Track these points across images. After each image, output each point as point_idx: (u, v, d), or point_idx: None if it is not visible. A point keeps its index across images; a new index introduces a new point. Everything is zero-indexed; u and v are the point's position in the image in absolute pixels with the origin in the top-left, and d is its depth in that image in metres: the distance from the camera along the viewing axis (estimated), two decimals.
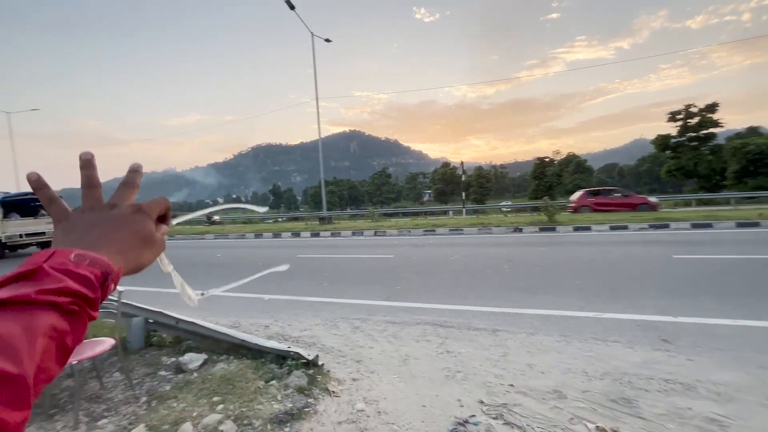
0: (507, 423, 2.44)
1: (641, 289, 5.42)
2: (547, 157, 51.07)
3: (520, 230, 13.46)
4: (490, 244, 10.77)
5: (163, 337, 4.10)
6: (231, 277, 7.91)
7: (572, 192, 25.39)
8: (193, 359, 3.39)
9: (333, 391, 2.95)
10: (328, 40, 21.95)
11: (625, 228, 12.36)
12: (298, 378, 3.04)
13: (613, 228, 12.47)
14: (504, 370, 3.20)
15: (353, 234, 15.61)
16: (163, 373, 3.34)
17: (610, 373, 3.04)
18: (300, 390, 2.91)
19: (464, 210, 23.91)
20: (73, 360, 2.71)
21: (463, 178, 28.21)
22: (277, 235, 17.03)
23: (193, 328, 3.79)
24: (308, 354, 3.27)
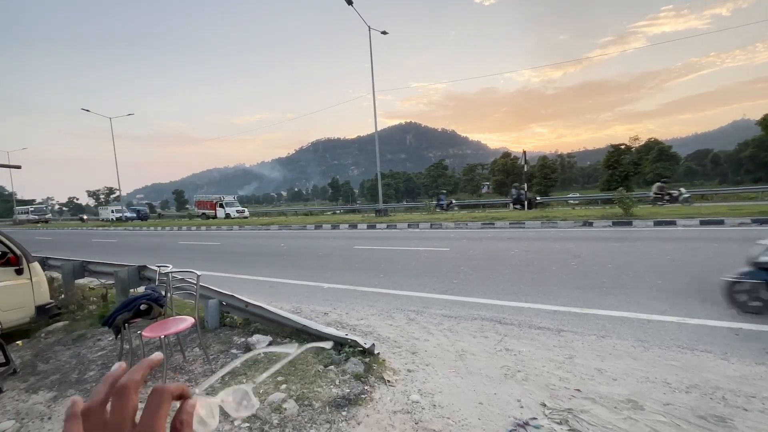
0: (572, 430, 2.28)
1: None
2: (622, 144, 46.24)
3: (590, 224, 12.42)
4: (556, 239, 10.08)
5: (234, 319, 4.48)
6: (293, 267, 8.38)
7: (653, 182, 22.75)
8: (260, 340, 3.66)
9: (388, 381, 2.99)
10: (384, 33, 21.95)
11: (720, 223, 10.80)
12: (354, 365, 3.13)
13: (704, 223, 10.96)
14: (570, 374, 2.99)
15: (409, 226, 15.62)
16: (234, 351, 3.65)
17: (698, 386, 2.69)
18: (357, 376, 3.00)
19: (526, 202, 22.67)
20: (161, 334, 3.07)
21: (526, 169, 26.68)
22: (335, 226, 17.65)
23: (260, 312, 4.09)
24: (365, 342, 3.35)
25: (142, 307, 3.28)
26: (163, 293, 3.59)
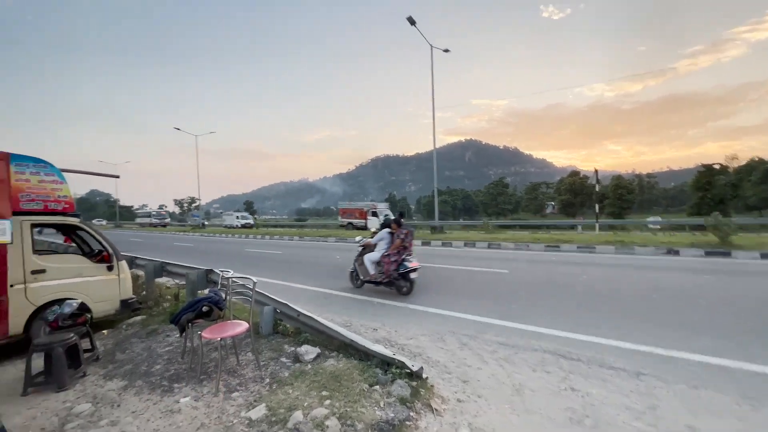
0: None
1: None
2: (716, 164, 40.63)
3: (676, 252, 10.94)
4: (632, 267, 9.01)
5: (287, 327, 4.59)
6: (347, 279, 8.47)
7: (756, 207, 19.53)
8: (308, 351, 3.68)
9: (436, 409, 2.79)
10: (446, 51, 22.05)
11: None
12: (401, 387, 2.98)
13: None
14: (653, 427, 2.54)
15: (465, 245, 15.10)
16: (284, 359, 3.70)
17: None
18: (402, 401, 2.84)
19: (597, 225, 20.75)
20: (218, 336, 3.21)
21: (597, 189, 24.59)
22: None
23: (310, 322, 4.13)
24: (412, 365, 3.19)
25: (204, 308, 3.48)
26: (224, 296, 3.78)
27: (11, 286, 4.28)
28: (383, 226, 7.32)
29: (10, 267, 4.26)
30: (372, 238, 7.26)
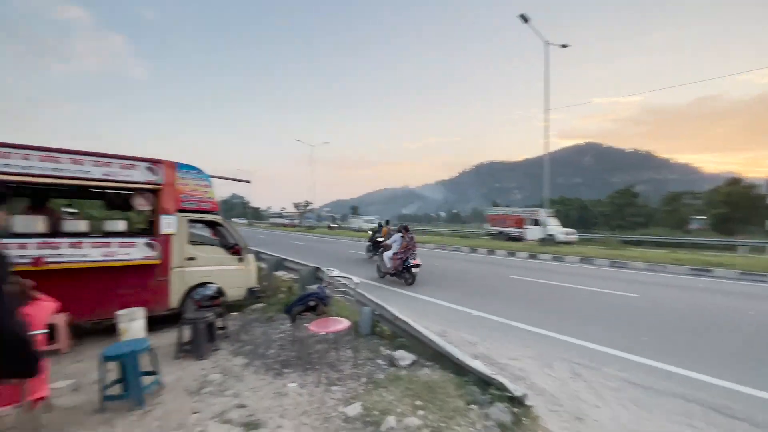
0: None
1: None
2: None
3: None
4: None
5: (384, 329, 4.68)
6: (443, 287, 8.29)
7: None
8: (404, 357, 3.67)
9: None
10: (564, 46, 20.08)
11: None
12: (501, 412, 2.73)
13: None
14: None
15: (581, 261, 13.40)
16: (379, 361, 3.77)
17: None
18: (502, 427, 2.60)
19: None
20: (322, 330, 3.44)
21: None
22: (491, 252, 16.79)
23: (406, 328, 4.12)
24: (515, 388, 2.90)
25: (311, 303, 3.77)
26: (328, 293, 4.05)
27: (172, 268, 5.33)
28: (396, 231, 9.49)
29: (172, 253, 5.32)
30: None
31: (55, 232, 4.67)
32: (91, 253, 4.69)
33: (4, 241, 4.02)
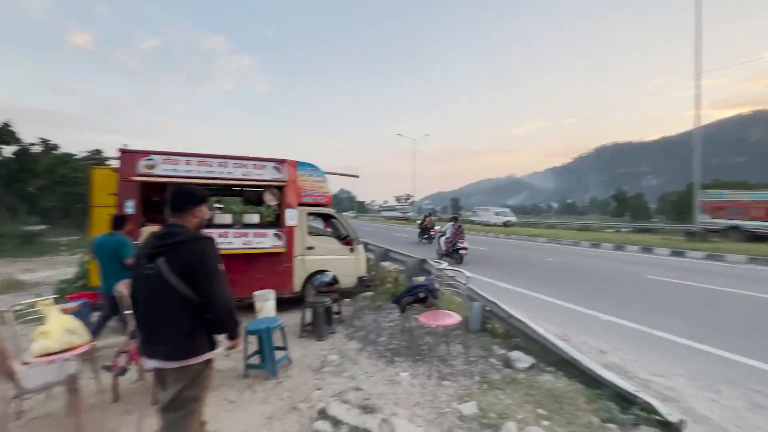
0: None
1: None
2: None
3: None
4: None
5: (495, 327, 4.41)
6: (562, 285, 7.47)
7: None
8: (521, 359, 3.38)
9: None
10: None
11: None
12: None
13: None
14: None
15: (750, 260, 10.61)
16: (493, 360, 3.55)
17: None
18: None
19: None
20: (433, 323, 3.39)
21: None
22: (619, 247, 14.52)
23: (522, 327, 3.80)
24: (667, 412, 2.39)
25: (421, 295, 3.76)
26: (437, 286, 3.98)
27: (296, 256, 5.95)
28: (450, 220, 11.12)
29: (295, 243, 5.93)
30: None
31: (208, 224, 5.65)
32: (235, 242, 5.54)
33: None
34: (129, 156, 5.13)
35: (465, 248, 10.33)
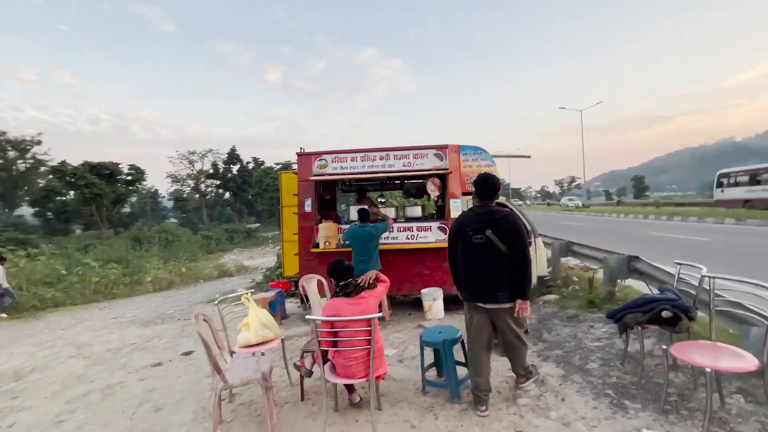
0: None
1: None
2: None
3: None
4: None
5: None
6: None
7: None
8: None
9: None
10: None
11: None
12: None
13: None
14: None
15: None
16: None
17: None
18: None
19: None
20: (708, 366, 2.17)
21: None
22: None
23: None
24: None
25: (665, 314, 2.53)
26: (692, 303, 2.65)
27: None
28: None
29: None
30: None
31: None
32: (399, 236, 5.31)
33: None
34: (305, 158, 5.49)
35: None
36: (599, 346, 3.57)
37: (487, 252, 2.50)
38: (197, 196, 43.16)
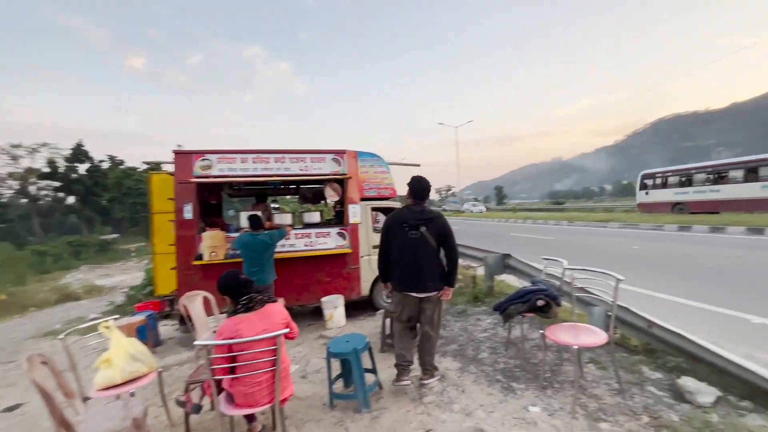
0: None
1: None
2: None
3: None
4: None
5: (626, 338, 3.49)
6: (671, 277, 6.23)
7: None
8: (700, 390, 2.47)
9: None
10: None
11: None
12: None
13: None
14: None
15: None
16: (653, 390, 2.66)
17: None
18: None
19: None
20: (574, 343, 2.58)
21: None
22: (717, 229, 12.53)
23: (679, 343, 2.86)
24: None
25: (539, 302, 2.95)
26: (558, 291, 3.15)
27: (362, 256, 5.35)
28: None
29: (361, 242, 5.32)
30: None
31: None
32: (297, 244, 5.04)
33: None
34: (184, 157, 4.77)
35: None
36: (487, 336, 3.98)
37: (421, 246, 2.81)
38: (24, 201, 33.84)
